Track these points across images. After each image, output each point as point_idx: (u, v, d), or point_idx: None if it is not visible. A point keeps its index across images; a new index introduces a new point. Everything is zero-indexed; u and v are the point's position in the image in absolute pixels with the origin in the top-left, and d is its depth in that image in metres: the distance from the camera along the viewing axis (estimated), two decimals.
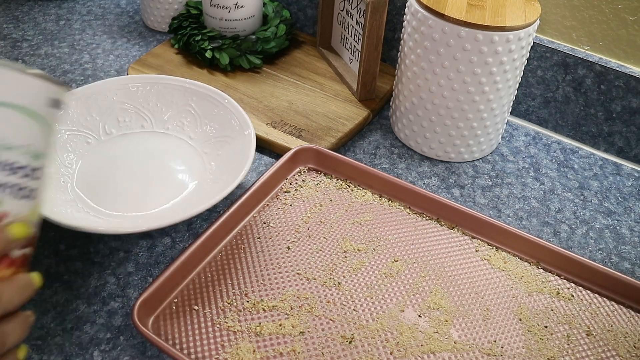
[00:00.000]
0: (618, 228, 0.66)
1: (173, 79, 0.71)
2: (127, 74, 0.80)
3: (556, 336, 0.53)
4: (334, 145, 0.71)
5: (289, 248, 0.59)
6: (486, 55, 0.63)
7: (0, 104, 0.33)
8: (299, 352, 0.50)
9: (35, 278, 0.41)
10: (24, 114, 0.34)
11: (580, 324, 0.55)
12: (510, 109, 0.72)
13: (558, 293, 0.57)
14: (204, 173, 0.65)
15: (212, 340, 0.50)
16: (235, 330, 0.51)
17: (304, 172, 0.67)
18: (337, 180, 0.67)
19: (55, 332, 0.51)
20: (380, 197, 0.65)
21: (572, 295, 0.57)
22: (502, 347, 0.52)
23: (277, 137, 0.71)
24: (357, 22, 0.77)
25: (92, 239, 0.60)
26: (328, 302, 0.54)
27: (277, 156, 0.70)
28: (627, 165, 0.75)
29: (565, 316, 0.55)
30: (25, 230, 0.38)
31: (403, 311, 0.54)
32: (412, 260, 0.59)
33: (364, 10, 0.73)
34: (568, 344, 0.53)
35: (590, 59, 0.73)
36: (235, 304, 0.53)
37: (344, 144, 0.73)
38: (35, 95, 0.34)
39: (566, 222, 0.66)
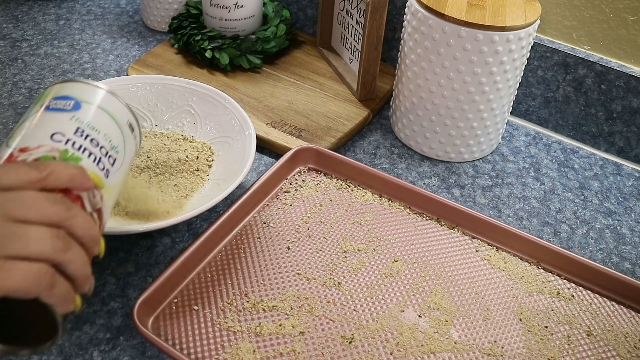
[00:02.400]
0: (618, 228, 0.66)
1: (173, 79, 0.71)
2: (127, 74, 0.80)
3: (556, 336, 0.53)
4: (334, 145, 0.71)
5: (289, 248, 0.59)
6: (486, 55, 0.63)
7: (98, 106, 0.46)
8: (299, 352, 0.50)
9: (102, 245, 0.42)
10: (110, 116, 0.47)
11: (580, 324, 0.55)
12: (511, 108, 0.72)
13: (558, 293, 0.57)
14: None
15: (212, 341, 0.50)
16: (235, 330, 0.51)
17: (304, 172, 0.67)
18: (337, 180, 0.67)
19: None
20: (380, 197, 0.65)
21: (573, 296, 0.57)
22: (502, 348, 0.52)
23: (277, 137, 0.71)
24: (357, 22, 0.77)
25: None
26: (328, 302, 0.54)
27: (277, 156, 0.70)
28: (628, 165, 0.75)
29: (565, 316, 0.55)
30: (98, 180, 0.44)
31: (403, 311, 0.54)
32: (412, 260, 0.59)
33: (364, 10, 0.73)
34: (568, 344, 0.53)
35: (590, 59, 0.73)
36: (235, 304, 0.53)
37: (344, 144, 0.73)
38: (121, 112, 0.48)
39: (566, 222, 0.66)
